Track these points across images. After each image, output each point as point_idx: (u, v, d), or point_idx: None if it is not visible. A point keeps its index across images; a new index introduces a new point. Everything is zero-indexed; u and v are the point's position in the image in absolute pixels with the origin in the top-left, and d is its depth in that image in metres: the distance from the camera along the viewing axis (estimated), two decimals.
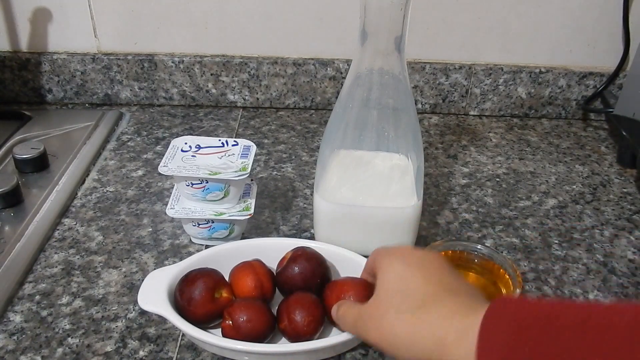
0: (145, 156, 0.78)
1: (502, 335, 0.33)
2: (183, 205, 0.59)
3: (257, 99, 0.91)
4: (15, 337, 0.50)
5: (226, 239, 0.60)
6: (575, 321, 0.31)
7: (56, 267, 0.58)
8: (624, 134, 0.78)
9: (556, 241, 0.64)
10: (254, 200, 0.60)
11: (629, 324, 0.30)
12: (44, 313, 0.53)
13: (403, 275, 0.41)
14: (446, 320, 0.37)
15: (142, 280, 0.50)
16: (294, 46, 0.87)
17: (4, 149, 0.76)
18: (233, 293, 0.51)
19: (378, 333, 0.40)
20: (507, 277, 0.53)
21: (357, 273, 0.52)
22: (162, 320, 0.52)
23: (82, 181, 0.72)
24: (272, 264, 0.53)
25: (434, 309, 0.38)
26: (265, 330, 0.47)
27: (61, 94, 0.90)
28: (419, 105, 0.91)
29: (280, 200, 0.69)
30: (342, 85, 0.79)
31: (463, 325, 0.36)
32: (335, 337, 0.46)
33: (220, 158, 0.58)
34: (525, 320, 0.32)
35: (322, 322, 0.48)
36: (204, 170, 0.56)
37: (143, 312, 0.52)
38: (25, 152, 0.71)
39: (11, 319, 0.52)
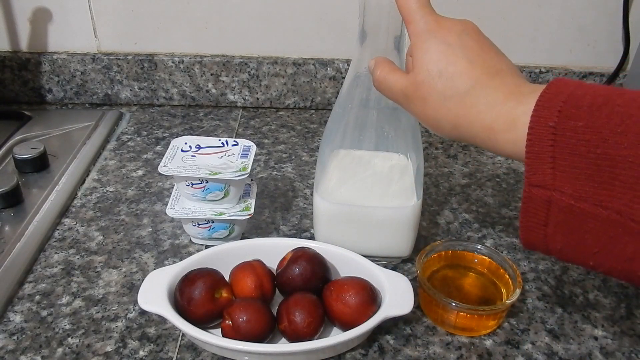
0: (145, 156, 0.78)
1: (555, 113, 0.32)
2: (183, 205, 0.59)
3: (257, 99, 0.91)
4: (15, 337, 0.50)
5: (226, 239, 0.60)
6: (632, 101, 0.30)
7: (56, 267, 0.58)
8: None
9: None
10: (254, 200, 0.60)
11: None
12: (44, 313, 0.53)
13: (445, 57, 0.38)
14: (496, 108, 0.36)
15: (142, 280, 0.50)
16: (294, 46, 0.87)
17: (4, 149, 0.76)
18: (233, 293, 0.51)
19: (421, 114, 0.39)
20: (507, 277, 0.53)
21: (357, 273, 0.52)
22: (162, 320, 0.52)
23: (82, 181, 0.72)
24: (272, 264, 0.53)
25: (482, 95, 0.37)
26: (265, 331, 0.47)
27: (61, 94, 0.91)
28: None
29: (280, 200, 0.69)
30: (342, 85, 0.79)
31: (514, 114, 0.35)
32: (335, 337, 0.46)
33: (220, 158, 0.58)
34: (585, 96, 0.31)
35: (322, 322, 0.48)
36: (204, 170, 0.56)
37: (143, 312, 0.52)
38: (25, 152, 0.71)
39: (11, 319, 0.52)
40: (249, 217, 0.58)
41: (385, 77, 0.43)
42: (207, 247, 0.60)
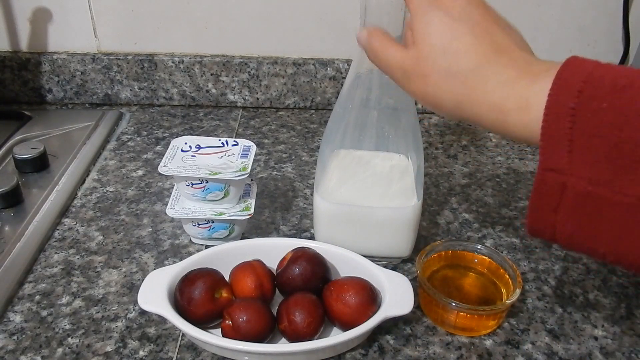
0: (145, 156, 0.78)
1: (574, 93, 0.30)
2: (183, 205, 0.59)
3: (257, 99, 0.91)
4: (15, 337, 0.50)
5: (226, 239, 0.60)
6: None
7: (56, 267, 0.58)
8: None
9: None
10: (254, 200, 0.60)
11: None
12: (44, 313, 0.53)
13: (449, 31, 0.36)
14: (506, 87, 0.33)
15: (142, 280, 0.50)
16: (294, 46, 0.87)
17: (4, 149, 0.76)
18: (233, 293, 0.51)
19: (421, 91, 0.37)
20: (507, 277, 0.53)
21: (357, 273, 0.52)
22: (162, 320, 0.52)
23: (82, 181, 0.72)
24: (272, 264, 0.53)
25: (490, 72, 0.34)
26: (265, 331, 0.47)
27: (61, 94, 0.90)
28: (419, 105, 0.91)
29: (280, 200, 0.69)
30: (342, 85, 0.79)
31: (526, 93, 0.32)
32: (335, 337, 0.46)
33: (220, 158, 0.58)
34: (607, 77, 0.30)
35: (322, 322, 0.48)
36: (204, 170, 0.56)
37: (143, 312, 0.52)
38: (25, 152, 0.71)
39: (11, 319, 0.52)
40: (249, 217, 0.58)
41: (383, 49, 0.40)
42: (207, 247, 0.60)
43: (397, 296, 0.49)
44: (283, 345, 0.48)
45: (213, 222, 0.58)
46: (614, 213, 0.29)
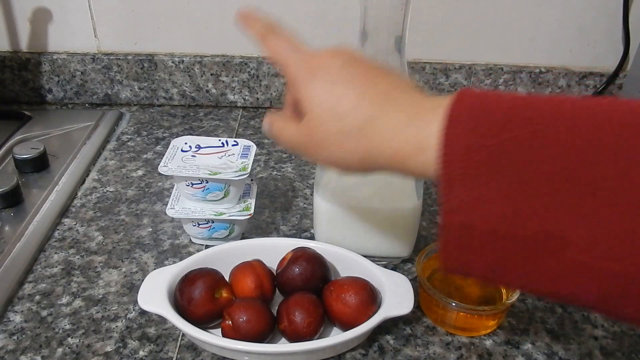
0: (145, 156, 0.78)
1: (467, 130, 0.29)
2: (183, 205, 0.59)
3: (257, 99, 0.91)
4: (15, 337, 0.50)
5: (226, 239, 0.60)
6: (550, 109, 0.29)
7: (56, 267, 0.58)
8: None
9: None
10: (254, 200, 0.60)
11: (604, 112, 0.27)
12: (44, 313, 0.53)
13: (331, 95, 0.36)
14: (399, 132, 0.33)
15: (142, 280, 0.50)
16: None
17: (4, 149, 0.76)
18: (233, 293, 0.51)
19: (324, 157, 0.38)
20: None
21: (357, 273, 0.52)
22: (162, 320, 0.52)
23: (82, 181, 0.72)
24: (272, 264, 0.53)
25: (381, 122, 0.34)
26: (265, 331, 0.47)
27: (61, 94, 0.90)
28: None
29: (280, 200, 0.69)
30: None
31: (420, 136, 0.32)
32: (335, 337, 0.46)
33: (220, 158, 0.58)
34: (496, 111, 0.29)
35: (322, 322, 0.48)
36: (204, 170, 0.56)
37: (143, 312, 0.52)
38: (25, 152, 0.71)
39: (11, 319, 0.52)
40: (249, 217, 0.58)
41: (280, 132, 0.41)
42: (207, 247, 0.60)
43: (397, 296, 0.49)
44: (283, 345, 0.48)
45: (213, 222, 0.58)
46: (517, 248, 0.28)
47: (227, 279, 0.52)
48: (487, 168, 0.28)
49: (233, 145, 0.61)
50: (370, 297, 0.48)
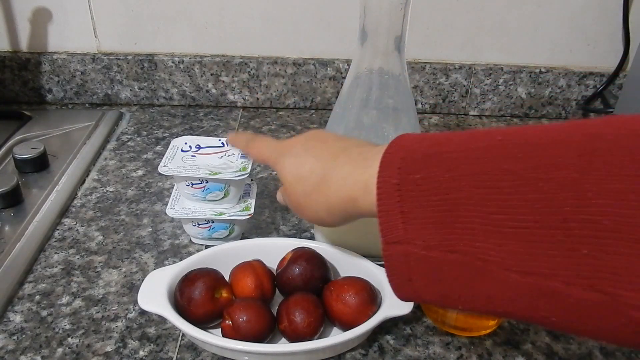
0: (145, 156, 0.78)
1: (396, 170, 0.33)
2: (183, 205, 0.59)
3: (257, 99, 0.91)
4: (15, 337, 0.50)
5: (226, 239, 0.60)
6: (463, 143, 0.32)
7: (56, 267, 0.58)
8: None
9: None
10: (254, 200, 0.60)
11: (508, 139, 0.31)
12: (44, 313, 0.53)
13: (295, 165, 0.44)
14: (348, 180, 0.38)
15: (142, 280, 0.50)
16: (294, 46, 0.87)
17: (4, 149, 0.76)
18: (233, 293, 0.51)
19: (304, 215, 0.45)
20: None
21: (357, 273, 0.52)
22: (162, 320, 0.52)
23: (82, 181, 0.72)
24: (272, 264, 0.53)
25: (334, 175, 0.40)
26: (265, 331, 0.47)
27: (61, 94, 0.91)
28: (419, 105, 0.91)
29: None
30: (342, 85, 0.79)
31: (364, 179, 0.37)
32: (335, 337, 0.46)
33: (220, 158, 0.58)
34: (419, 150, 0.34)
35: (322, 322, 0.48)
36: (204, 170, 0.56)
37: (143, 312, 0.52)
38: (25, 152, 0.71)
39: (11, 319, 0.52)
40: (249, 217, 0.58)
41: (281, 199, 0.50)
42: (207, 247, 0.60)
43: None
44: (283, 345, 0.48)
45: (213, 222, 0.58)
46: (452, 272, 0.31)
47: (227, 279, 0.52)
48: (416, 201, 0.32)
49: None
50: (370, 297, 0.48)
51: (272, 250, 0.54)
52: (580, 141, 0.28)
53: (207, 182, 0.56)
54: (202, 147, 0.60)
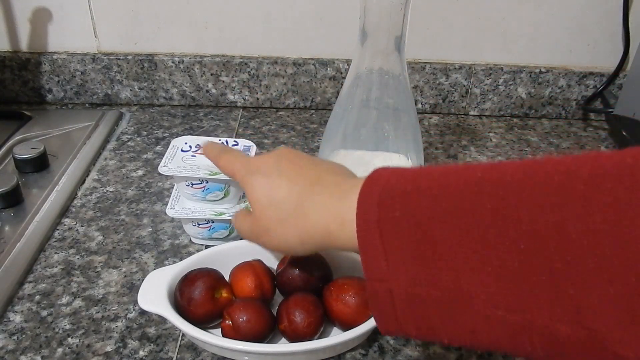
0: (145, 156, 0.78)
1: (375, 207, 0.33)
2: (183, 205, 0.59)
3: (257, 99, 0.91)
4: (15, 337, 0.50)
5: (226, 239, 0.60)
6: (443, 180, 0.32)
7: (56, 267, 0.58)
8: (624, 134, 0.78)
9: None
10: None
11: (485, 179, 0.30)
12: (44, 313, 0.53)
13: (267, 188, 0.41)
14: (323, 211, 0.38)
15: (142, 280, 0.50)
16: (294, 46, 0.87)
17: (4, 149, 0.76)
18: (233, 293, 0.51)
19: (271, 243, 0.42)
20: None
21: (357, 273, 0.52)
22: (162, 320, 0.52)
23: (82, 181, 0.72)
24: (272, 264, 0.53)
25: (309, 205, 0.39)
26: (265, 331, 0.47)
27: (61, 94, 0.91)
28: (419, 105, 0.91)
29: None
30: (342, 85, 0.79)
31: (340, 212, 0.37)
32: (335, 337, 0.46)
33: None
34: (398, 185, 0.33)
35: (322, 322, 0.48)
36: (204, 170, 0.56)
37: (143, 312, 0.52)
38: (25, 152, 0.71)
39: (11, 319, 0.52)
40: None
41: (239, 224, 0.46)
42: (207, 247, 0.60)
43: None
44: (283, 345, 0.48)
45: (213, 222, 0.58)
46: (436, 307, 0.31)
47: (227, 279, 0.52)
48: (396, 237, 0.31)
49: (233, 145, 0.61)
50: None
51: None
52: (560, 180, 0.28)
53: (207, 182, 0.56)
54: (202, 147, 0.60)
